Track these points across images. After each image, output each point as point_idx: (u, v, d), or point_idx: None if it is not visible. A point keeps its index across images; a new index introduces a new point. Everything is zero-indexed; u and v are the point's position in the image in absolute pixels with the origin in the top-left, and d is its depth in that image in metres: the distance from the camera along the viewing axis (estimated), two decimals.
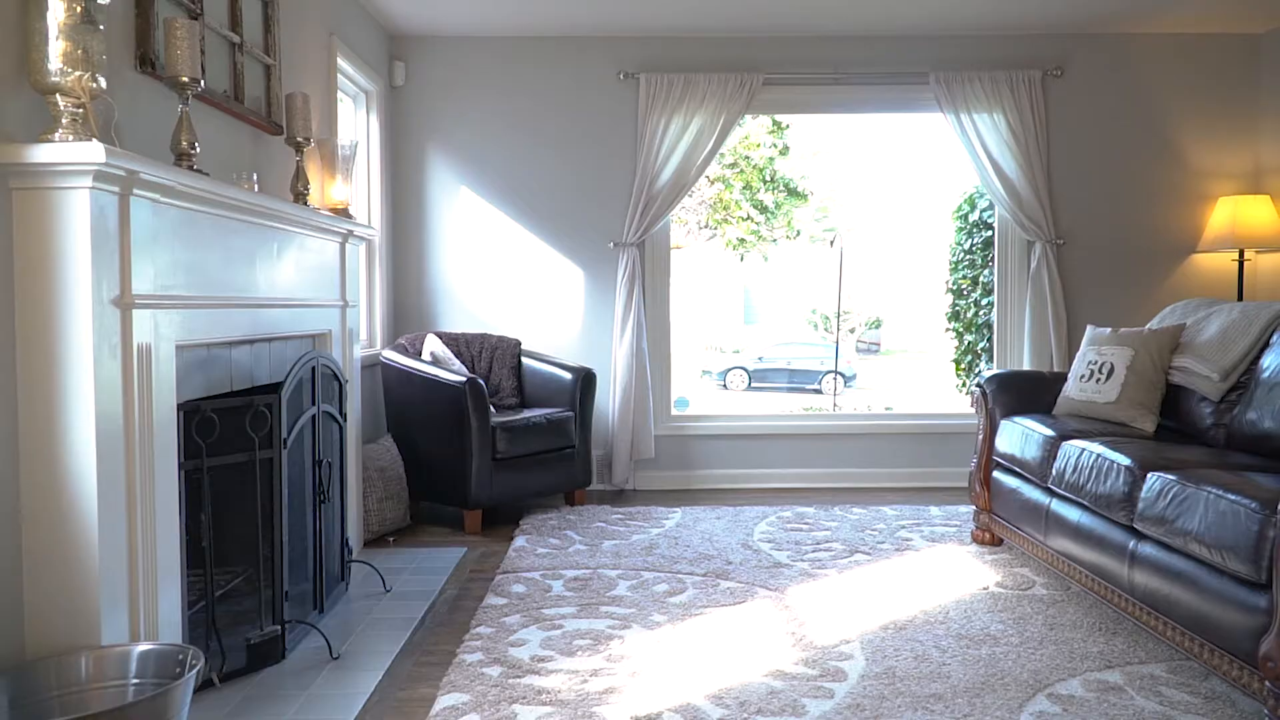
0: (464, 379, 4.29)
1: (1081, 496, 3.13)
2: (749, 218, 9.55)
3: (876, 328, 20.00)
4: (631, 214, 5.17)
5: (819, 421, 5.58)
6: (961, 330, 7.11)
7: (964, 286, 7.11)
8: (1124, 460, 2.93)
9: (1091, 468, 3.09)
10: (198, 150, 2.59)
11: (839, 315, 12.76)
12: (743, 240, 10.07)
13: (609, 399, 5.24)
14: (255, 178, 3.05)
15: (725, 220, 9.40)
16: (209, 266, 2.64)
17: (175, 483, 2.42)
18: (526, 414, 4.59)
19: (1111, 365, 3.71)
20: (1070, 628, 3.00)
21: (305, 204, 3.48)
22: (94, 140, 2.06)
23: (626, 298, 5.18)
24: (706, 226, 9.42)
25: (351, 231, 3.80)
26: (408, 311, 5.30)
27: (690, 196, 8.95)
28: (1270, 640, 2.18)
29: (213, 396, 2.68)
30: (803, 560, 3.80)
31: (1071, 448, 3.27)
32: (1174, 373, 3.62)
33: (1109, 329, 3.90)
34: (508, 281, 5.32)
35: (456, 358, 4.89)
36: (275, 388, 2.86)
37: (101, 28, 2.17)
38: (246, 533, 2.77)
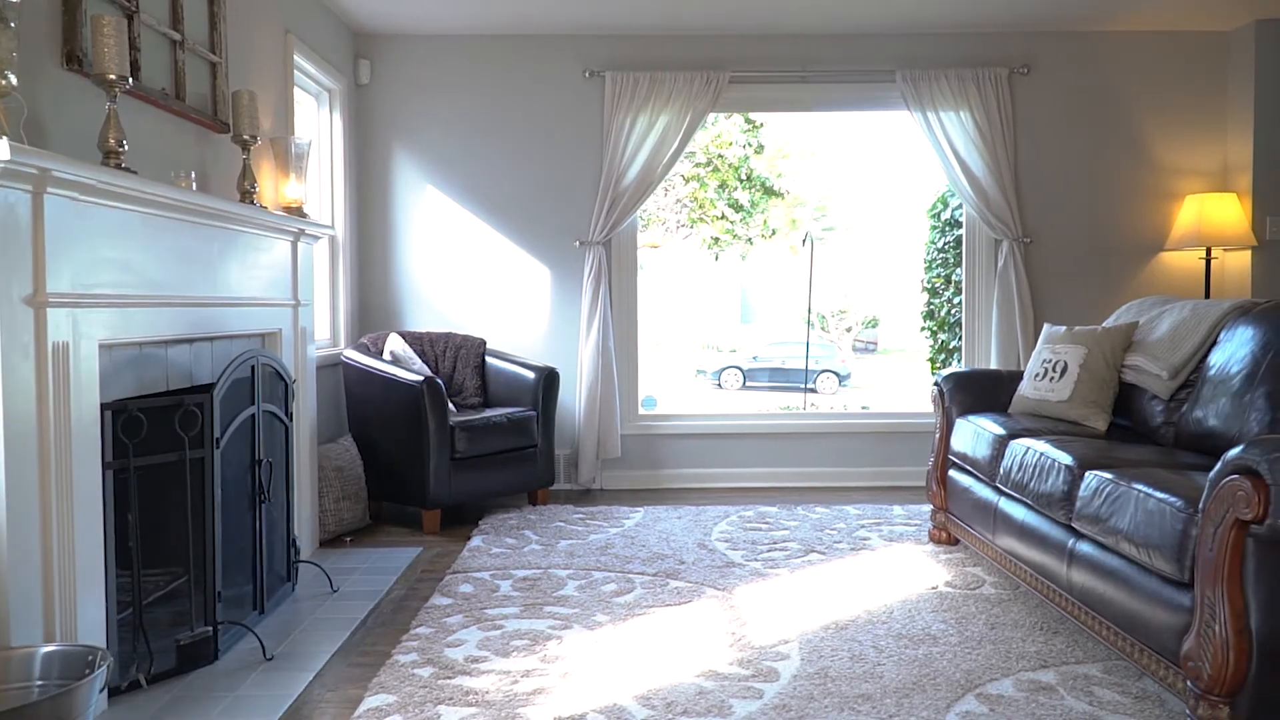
0: (421, 378, 4.28)
1: (1026, 495, 3.11)
2: (723, 216, 9.53)
3: (873, 327, 19.95)
4: (597, 212, 5.15)
5: (788, 421, 5.57)
6: (935, 329, 7.09)
7: (938, 285, 7.09)
8: (1065, 459, 2.91)
9: (1035, 466, 3.07)
10: (126, 148, 2.57)
11: (808, 315, 12.72)
12: (717, 239, 10.06)
13: (575, 398, 5.23)
14: (194, 176, 3.03)
15: (700, 219, 9.39)
16: (140, 265, 2.63)
17: (98, 483, 2.41)
18: (487, 413, 4.58)
19: (1065, 364, 3.69)
20: (1012, 627, 2.99)
21: (252, 202, 3.46)
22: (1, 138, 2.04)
23: (592, 296, 5.17)
24: (683, 225, 9.42)
25: (303, 230, 3.78)
26: (373, 310, 5.29)
27: (665, 195, 8.96)
28: (1191, 639, 2.17)
29: (142, 396, 2.67)
30: (756, 560, 3.79)
31: (1018, 446, 3.26)
32: (1126, 371, 3.61)
33: (1064, 327, 3.88)
34: (474, 280, 5.30)
35: (420, 357, 4.88)
36: (212, 387, 2.84)
37: (13, 25, 2.15)
38: (179, 533, 2.75)
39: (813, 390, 16.27)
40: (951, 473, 3.91)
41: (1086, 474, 2.76)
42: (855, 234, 17.16)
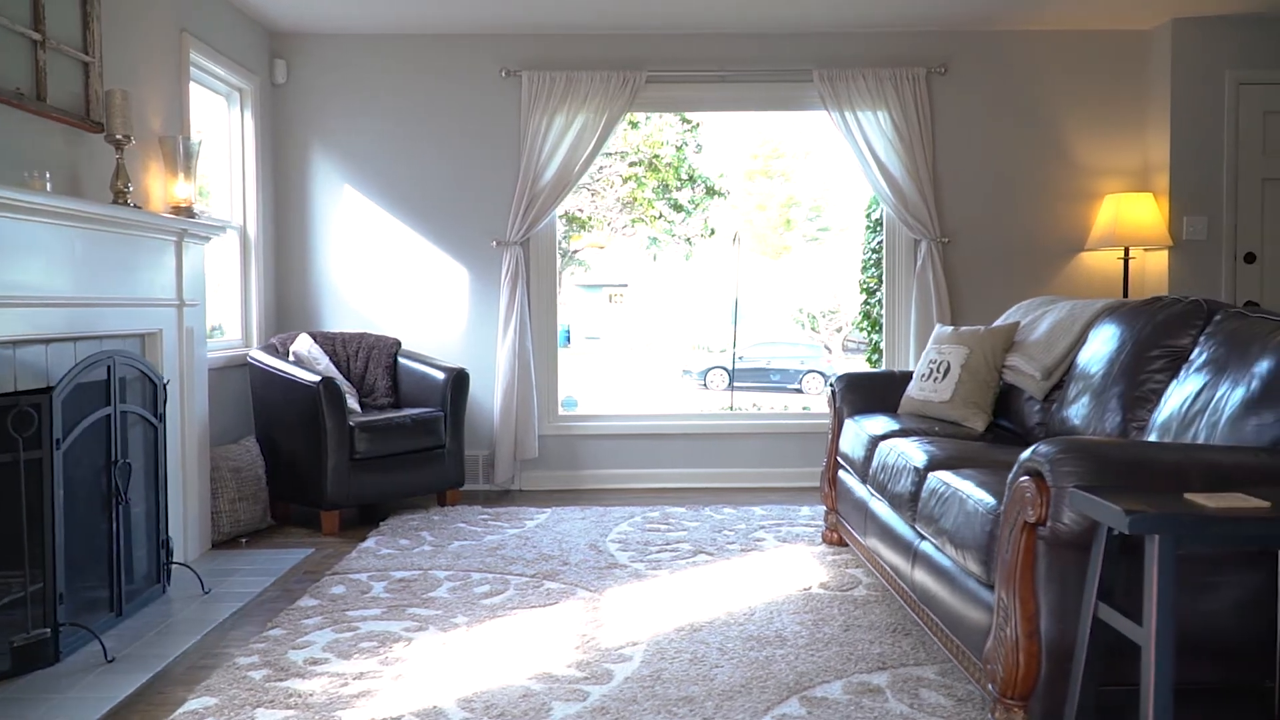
0: (318, 379, 4.26)
1: (885, 496, 3.10)
2: (661, 216, 9.52)
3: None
4: (514, 212, 5.14)
5: (711, 422, 5.55)
6: (869, 330, 7.07)
7: (873, 285, 7.07)
8: (914, 461, 2.90)
9: (892, 468, 3.06)
10: None
11: (735, 316, 12.67)
12: (655, 240, 10.03)
13: (493, 398, 5.22)
14: (48, 176, 3.02)
15: (639, 219, 9.37)
16: None
17: None
18: (390, 414, 4.57)
19: (948, 364, 3.68)
20: (866, 629, 2.97)
21: (126, 202, 3.45)
22: None
23: (509, 296, 5.15)
24: (627, 226, 9.40)
25: (187, 230, 3.77)
26: (291, 311, 5.27)
27: (603, 196, 8.95)
28: (990, 642, 2.15)
29: None
30: (642, 561, 3.77)
31: (885, 447, 3.24)
32: (1006, 371, 3.59)
33: (952, 328, 3.87)
34: (392, 281, 5.29)
35: (331, 357, 4.86)
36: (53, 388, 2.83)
37: None
38: (17, 536, 2.74)
39: (798, 390, 16.25)
40: (840, 474, 3.90)
41: (929, 476, 2.75)
42: (849, 234, 17.14)
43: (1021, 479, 2.06)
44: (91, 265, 3.15)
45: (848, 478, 3.76)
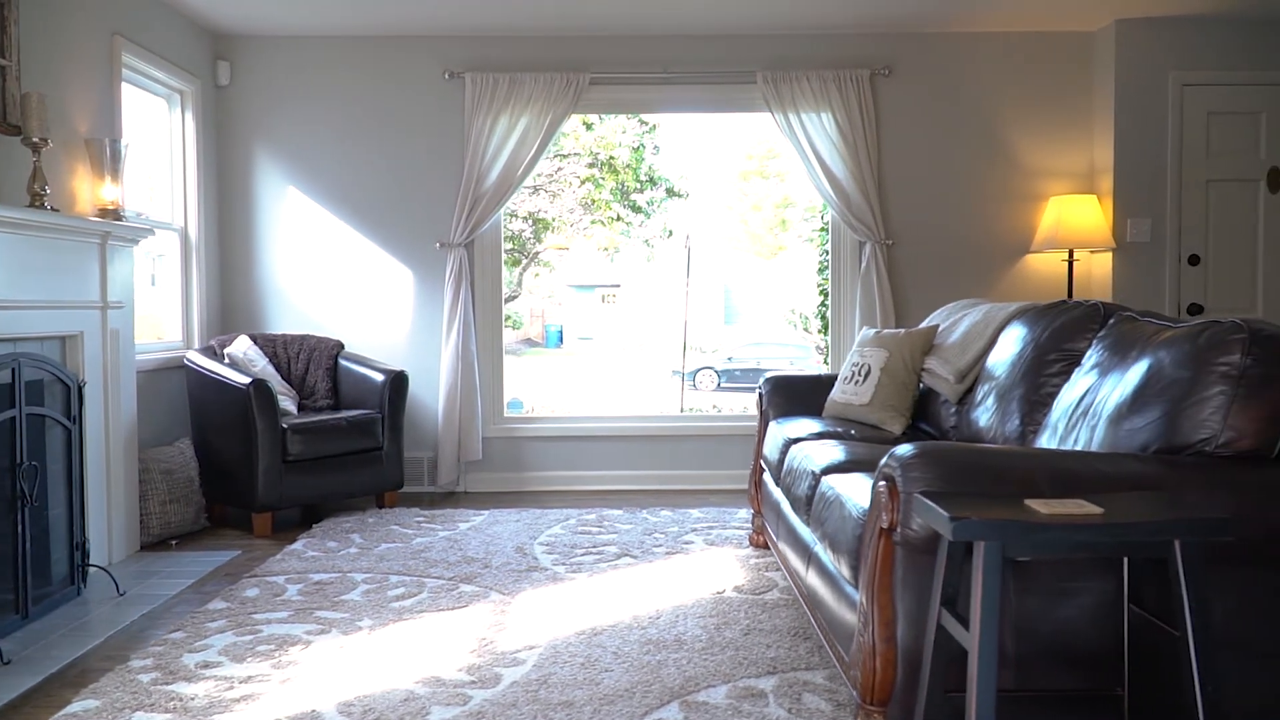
0: (249, 381, 4.26)
1: (790, 498, 3.10)
2: (619, 218, 9.52)
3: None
4: (459, 214, 5.14)
5: (656, 423, 5.55)
6: (824, 331, 7.07)
7: (828, 288, 7.06)
8: (813, 465, 2.90)
9: (796, 470, 3.06)
10: None
11: (684, 319, 12.68)
12: (612, 242, 10.03)
13: (437, 400, 5.21)
14: None
15: (597, 222, 9.37)
16: None
17: None
18: (326, 416, 4.57)
19: (869, 367, 3.68)
20: (768, 633, 2.97)
21: (43, 205, 3.45)
22: None
23: (453, 298, 5.15)
24: (588, 228, 9.40)
25: (110, 233, 3.77)
26: (235, 312, 5.27)
27: (559, 198, 8.96)
28: (853, 648, 2.15)
29: None
30: (564, 564, 3.77)
31: (794, 450, 3.24)
32: (924, 374, 3.59)
33: (875, 330, 3.86)
34: (337, 282, 5.29)
35: (272, 359, 4.86)
36: None
37: None
38: None
39: None
40: (764, 477, 3.90)
41: (822, 480, 2.74)
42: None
43: (879, 484, 2.06)
44: (6, 268, 3.14)
45: (769, 480, 3.76)
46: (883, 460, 2.08)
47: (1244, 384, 2.01)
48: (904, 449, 2.02)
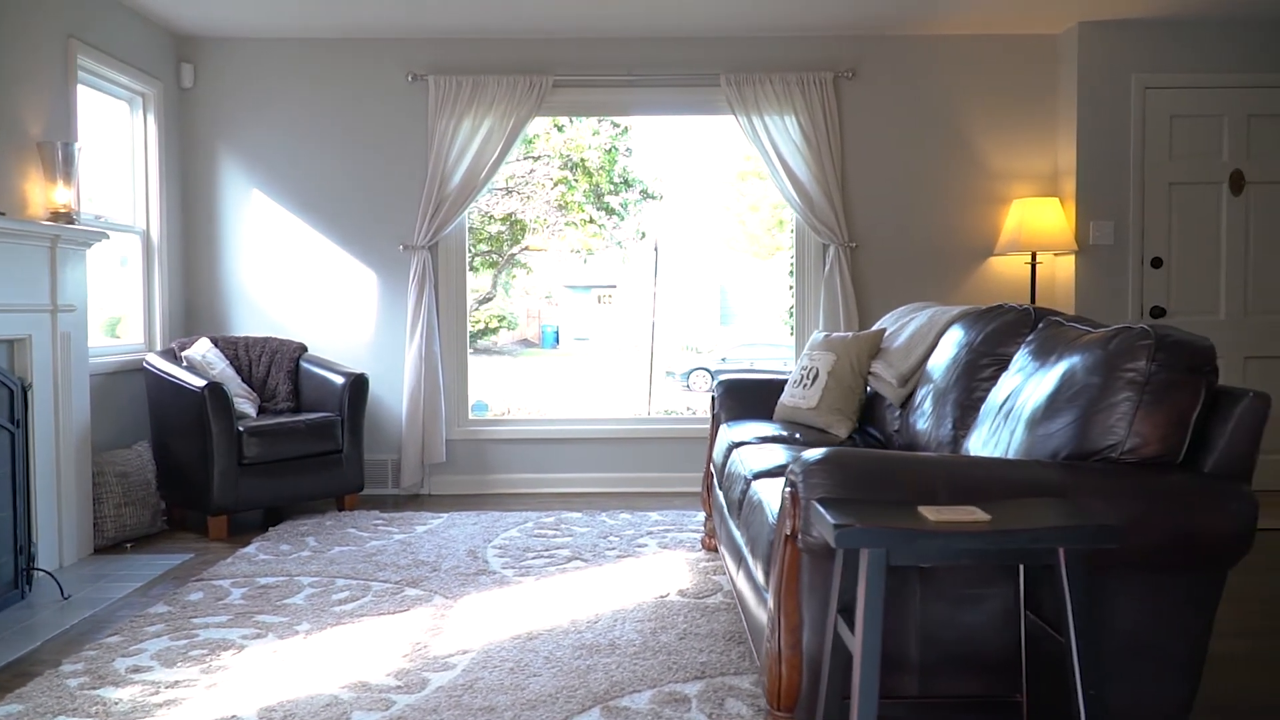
0: (204, 383, 4.26)
1: (727, 502, 3.10)
2: (592, 220, 9.52)
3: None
4: (422, 216, 5.14)
5: (621, 425, 5.55)
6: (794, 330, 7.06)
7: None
8: (747, 469, 2.90)
9: (732, 475, 3.06)
10: None
11: (652, 324, 12.71)
12: (584, 244, 10.04)
13: (401, 403, 5.22)
14: None
15: (570, 223, 9.36)
16: None
17: None
18: (283, 419, 4.57)
19: (817, 370, 3.68)
20: (703, 638, 2.97)
21: None
22: None
23: (416, 300, 5.15)
24: (561, 230, 9.41)
25: (60, 236, 3.77)
26: (199, 314, 5.28)
27: (532, 200, 8.96)
28: (762, 653, 2.15)
29: None
30: (514, 568, 3.77)
31: (735, 454, 3.24)
32: (870, 378, 3.59)
33: (825, 334, 3.86)
34: (301, 284, 5.29)
35: (233, 362, 4.87)
36: None
37: None
38: None
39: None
40: (715, 479, 3.89)
41: (753, 484, 2.74)
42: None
43: (785, 490, 2.06)
44: None
45: (716, 484, 3.76)
46: (790, 466, 2.08)
47: (1149, 390, 2.01)
48: (810, 455, 2.02)
